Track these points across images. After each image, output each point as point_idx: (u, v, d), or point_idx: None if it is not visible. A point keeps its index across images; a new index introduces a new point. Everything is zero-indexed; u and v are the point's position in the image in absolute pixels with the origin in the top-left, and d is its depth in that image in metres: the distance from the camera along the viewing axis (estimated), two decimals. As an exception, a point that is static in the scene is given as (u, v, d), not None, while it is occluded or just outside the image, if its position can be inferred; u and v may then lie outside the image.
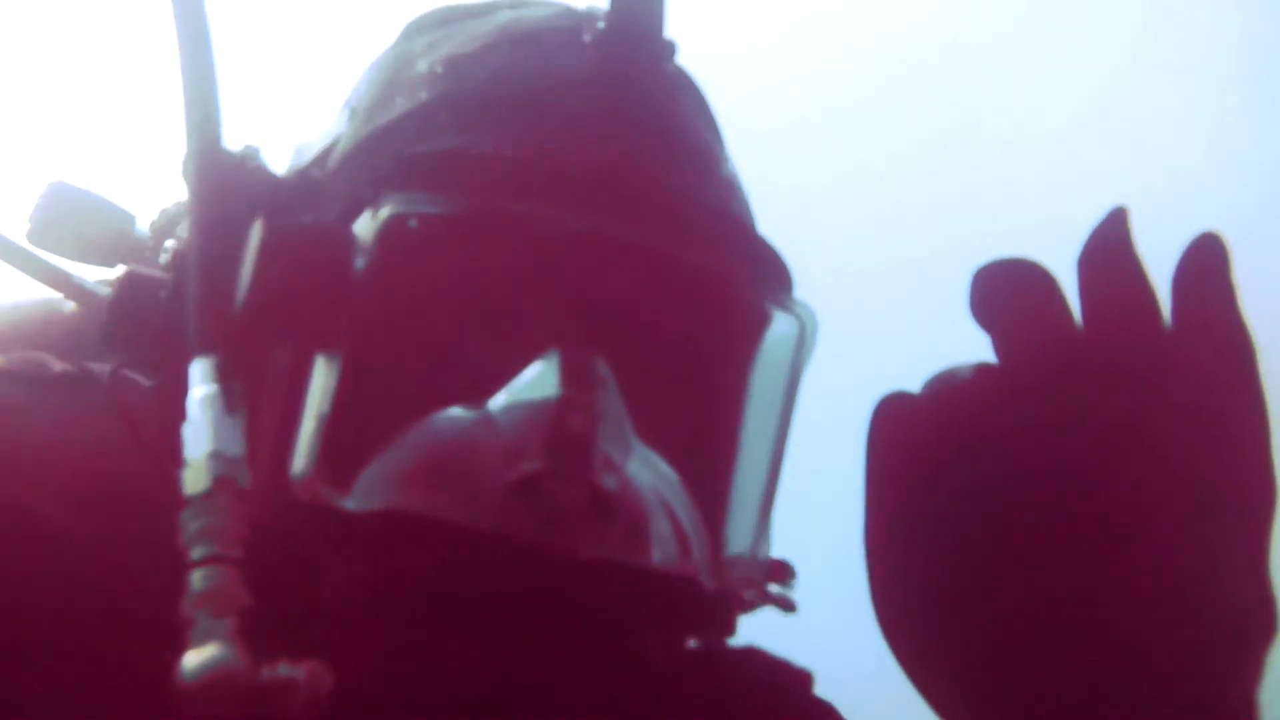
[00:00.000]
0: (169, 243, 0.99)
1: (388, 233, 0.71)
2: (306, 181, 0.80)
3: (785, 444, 0.78)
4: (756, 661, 0.79)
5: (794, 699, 0.78)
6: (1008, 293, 0.64)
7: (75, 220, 1.10)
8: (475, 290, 0.74)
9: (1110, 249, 0.63)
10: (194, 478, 0.66)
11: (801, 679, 0.79)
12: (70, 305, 1.09)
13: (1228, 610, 0.62)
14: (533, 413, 0.68)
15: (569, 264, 0.73)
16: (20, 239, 1.06)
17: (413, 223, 0.71)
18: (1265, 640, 0.63)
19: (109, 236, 1.09)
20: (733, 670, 0.77)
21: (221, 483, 0.65)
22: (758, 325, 0.79)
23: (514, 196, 0.72)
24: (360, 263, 0.71)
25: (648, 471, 0.72)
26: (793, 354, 0.78)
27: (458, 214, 0.72)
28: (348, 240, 0.72)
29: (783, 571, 0.78)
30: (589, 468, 0.67)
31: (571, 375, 0.69)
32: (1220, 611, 0.62)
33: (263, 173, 0.77)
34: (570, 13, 0.85)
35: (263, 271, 0.70)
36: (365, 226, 0.72)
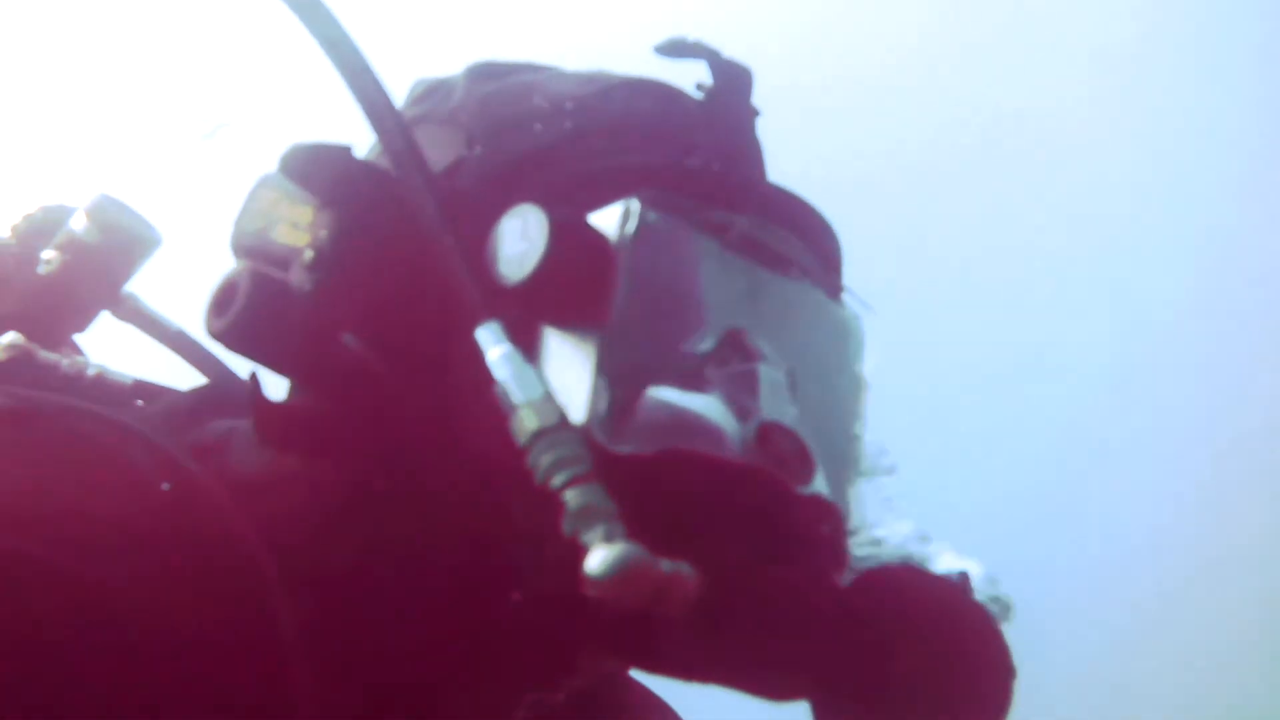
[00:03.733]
0: (47, 255, 1.03)
1: (641, 229, 0.83)
2: (461, 192, 0.87)
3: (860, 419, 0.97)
4: (921, 575, 0.91)
5: (959, 602, 0.89)
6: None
7: None
8: (698, 276, 0.87)
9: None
10: (536, 416, 0.74)
11: (963, 584, 0.91)
12: None
13: None
14: (746, 378, 0.84)
15: (755, 261, 0.89)
16: None
17: (658, 223, 0.84)
18: None
19: None
20: (911, 583, 0.89)
21: (564, 416, 0.74)
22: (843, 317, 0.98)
23: (726, 207, 0.88)
24: (618, 253, 0.83)
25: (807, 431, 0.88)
26: (858, 345, 0.97)
27: (695, 216, 0.86)
28: (598, 232, 0.83)
29: None
30: (794, 424, 0.84)
31: (758, 349, 0.86)
32: None
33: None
34: (659, 80, 0.99)
35: (554, 252, 0.80)
36: (615, 222, 0.83)
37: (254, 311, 0.83)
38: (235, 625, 0.77)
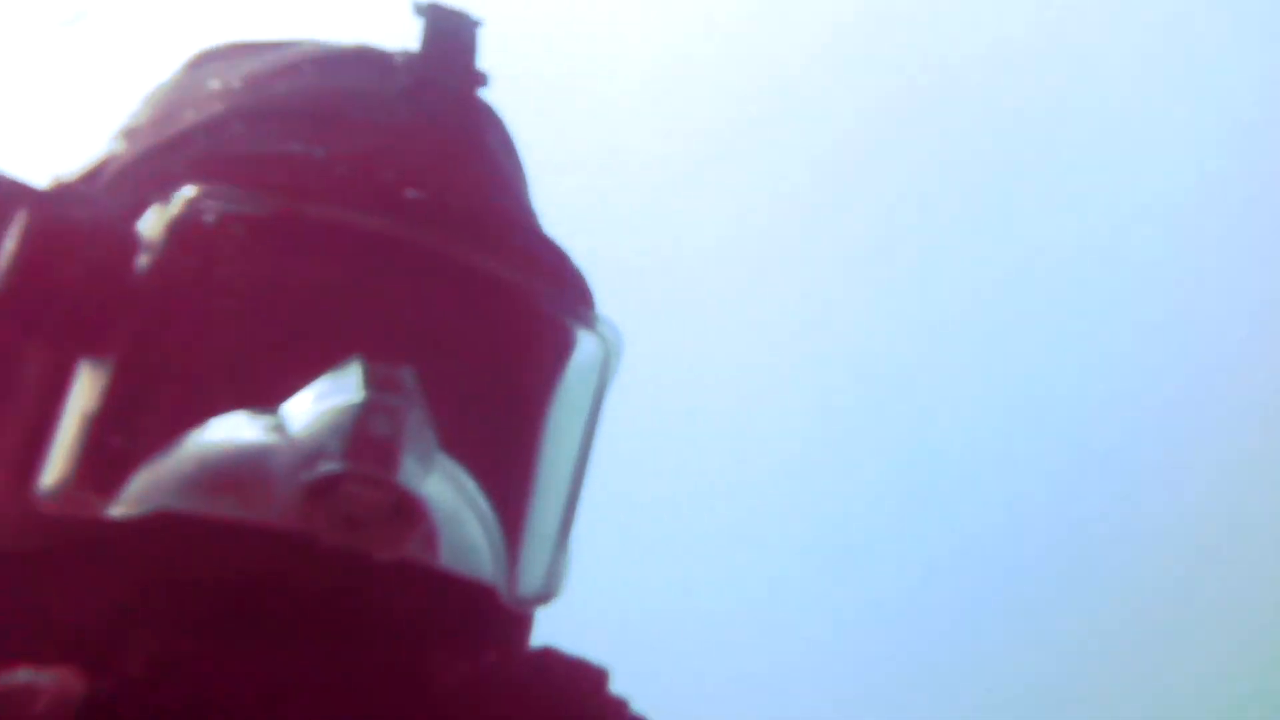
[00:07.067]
0: None
1: (176, 228, 0.68)
2: (71, 189, 0.76)
3: (587, 461, 0.78)
4: (552, 664, 0.76)
5: (587, 701, 0.76)
6: None
7: None
8: (270, 292, 0.70)
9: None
10: None
11: (597, 677, 0.76)
12: None
13: None
14: (333, 416, 0.65)
15: (372, 270, 0.71)
16: None
17: (207, 218, 0.68)
18: None
19: None
20: (525, 678, 0.74)
21: None
22: (565, 343, 0.78)
23: (317, 198, 0.70)
24: (144, 260, 0.68)
25: (450, 483, 0.70)
26: (596, 373, 0.78)
27: (255, 211, 0.69)
28: (123, 235, 0.68)
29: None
30: (393, 472, 0.64)
31: (375, 381, 0.67)
32: None
33: (18, 181, 0.71)
34: (378, 46, 0.83)
35: (19, 263, 0.66)
36: (151, 222, 0.68)
37: None
38: None
